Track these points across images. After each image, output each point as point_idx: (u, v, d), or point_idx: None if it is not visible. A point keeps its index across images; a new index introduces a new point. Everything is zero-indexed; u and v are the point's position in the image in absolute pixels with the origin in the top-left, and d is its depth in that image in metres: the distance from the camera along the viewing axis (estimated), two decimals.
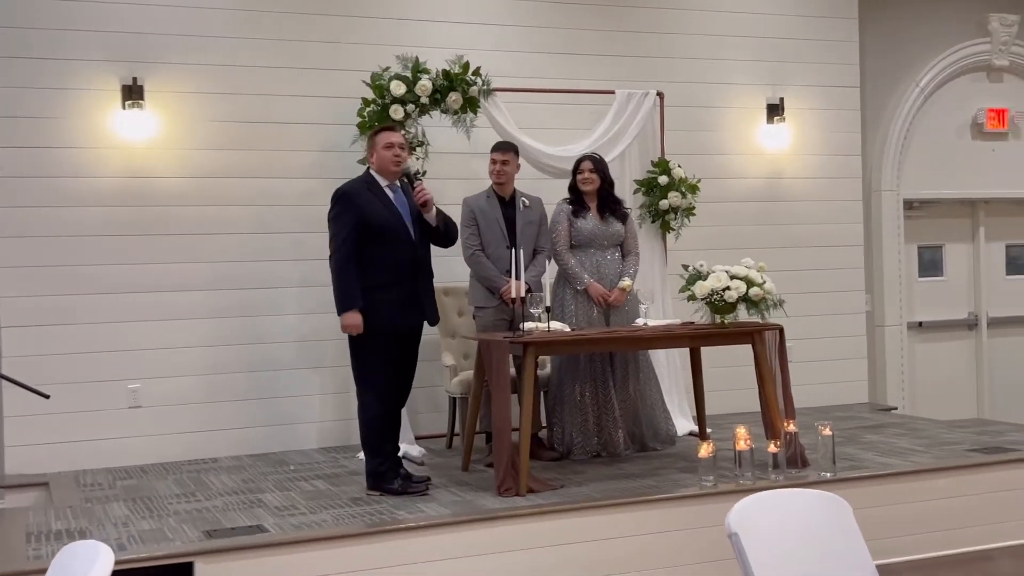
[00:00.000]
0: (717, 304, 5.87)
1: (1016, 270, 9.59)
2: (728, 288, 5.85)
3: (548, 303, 5.77)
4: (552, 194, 6.78)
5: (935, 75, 8.94)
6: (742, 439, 5.57)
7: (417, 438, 6.90)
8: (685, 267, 6.06)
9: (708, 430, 6.67)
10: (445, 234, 5.73)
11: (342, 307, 5.42)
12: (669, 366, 7.27)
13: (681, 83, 7.83)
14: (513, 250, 5.83)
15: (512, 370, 5.88)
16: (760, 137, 8.27)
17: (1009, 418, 8.71)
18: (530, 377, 5.50)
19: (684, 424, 7.12)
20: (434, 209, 5.65)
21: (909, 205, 8.98)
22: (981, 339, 9.38)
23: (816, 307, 8.22)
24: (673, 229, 7.33)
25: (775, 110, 8.22)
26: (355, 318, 5.42)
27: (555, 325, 5.81)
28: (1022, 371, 9.43)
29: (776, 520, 3.24)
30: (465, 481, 5.86)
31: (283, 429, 7.03)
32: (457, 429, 6.86)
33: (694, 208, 7.32)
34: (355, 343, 5.53)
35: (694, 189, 7.28)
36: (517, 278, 5.93)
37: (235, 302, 6.93)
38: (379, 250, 5.49)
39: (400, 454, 6.48)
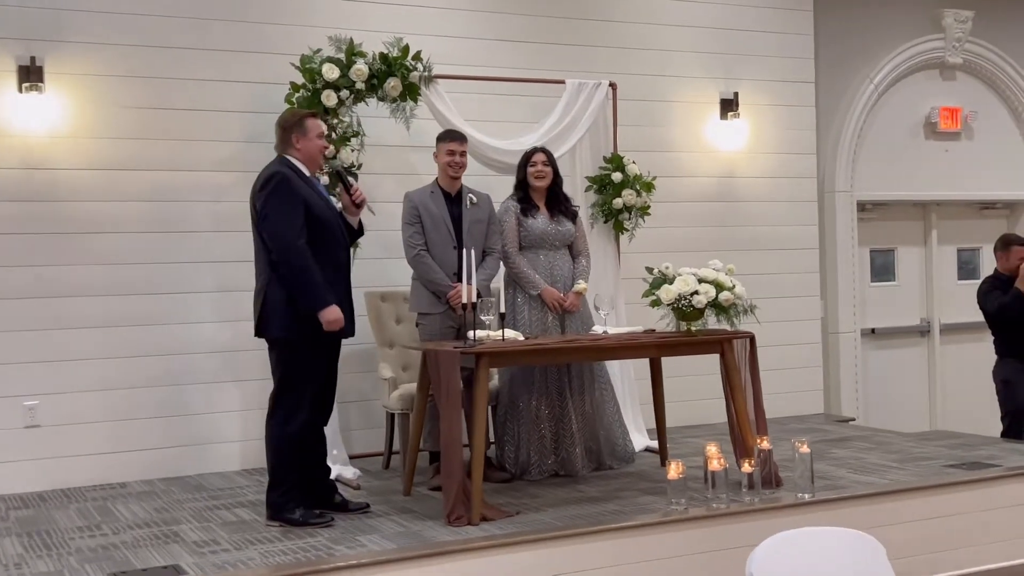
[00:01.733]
0: (685, 310, 5.36)
1: (967, 275, 9.28)
2: (696, 292, 5.34)
3: (502, 308, 5.20)
4: (497, 193, 6.22)
5: (889, 72, 8.59)
6: (715, 458, 5.07)
7: (351, 457, 6.29)
8: (649, 270, 5.55)
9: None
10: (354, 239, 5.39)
11: (321, 302, 4.82)
12: (623, 376, 6.75)
13: (631, 75, 7.31)
14: (464, 251, 5.25)
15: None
16: (713, 134, 7.81)
17: (963, 428, 8.40)
18: (483, 391, 4.93)
19: (639, 440, 6.62)
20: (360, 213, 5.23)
21: (862, 207, 8.61)
22: (934, 346, 9.06)
23: (770, 313, 7.73)
24: (627, 230, 6.82)
25: (728, 105, 7.77)
26: (337, 312, 4.86)
27: (508, 333, 5.26)
28: (974, 379, 9.05)
29: (805, 566, 2.76)
30: (409, 508, 5.26)
31: (200, 450, 6.34)
32: (396, 447, 6.25)
33: (649, 207, 6.82)
34: (285, 348, 4.92)
35: (649, 187, 6.79)
36: (468, 282, 5.43)
37: (144, 309, 6.23)
38: (318, 247, 4.90)
39: (333, 476, 5.90)
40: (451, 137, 5.85)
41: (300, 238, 4.80)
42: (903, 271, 9.03)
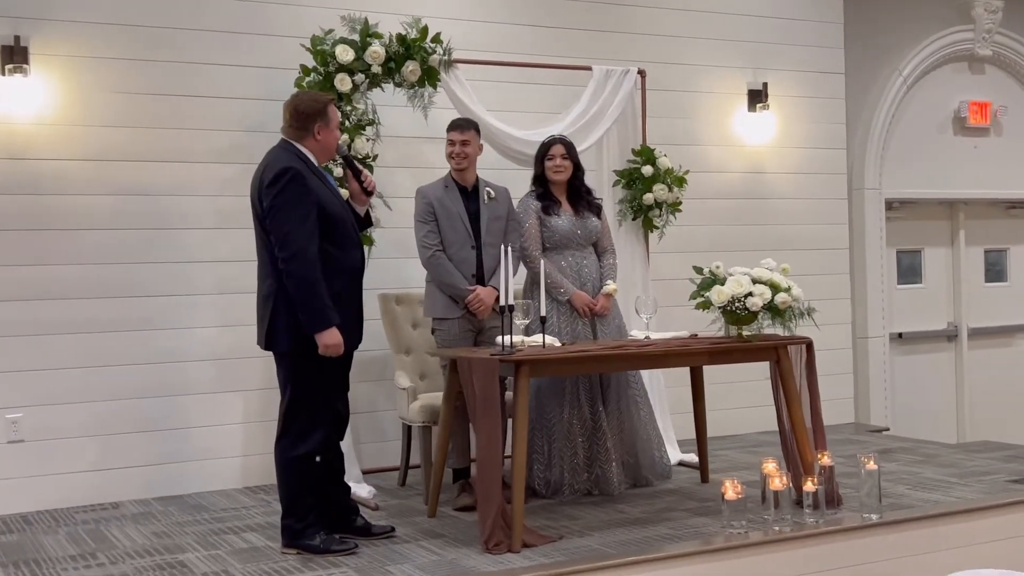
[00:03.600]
0: (738, 313, 4.90)
1: (995, 277, 8.90)
2: (751, 294, 4.89)
3: (543, 311, 4.72)
4: (523, 188, 5.76)
5: (917, 64, 8.17)
6: (776, 476, 4.61)
7: (363, 473, 5.79)
8: (698, 269, 5.09)
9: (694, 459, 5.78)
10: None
11: (320, 323, 4.29)
12: (652, 383, 6.27)
13: (655, 64, 6.83)
14: (503, 247, 4.76)
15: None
16: (740, 126, 7.37)
17: (994, 437, 8.02)
18: (524, 404, 4.45)
19: (672, 453, 6.16)
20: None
21: (889, 205, 8.18)
22: (961, 351, 8.65)
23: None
24: (657, 227, 6.35)
25: (757, 96, 7.33)
26: (337, 336, 4.32)
27: (544, 339, 4.78)
28: (1004, 386, 8.73)
29: None
30: (437, 531, 4.77)
31: (199, 466, 5.81)
32: (413, 461, 5.76)
33: (680, 203, 6.37)
34: (298, 363, 4.41)
35: (681, 182, 6.33)
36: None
37: (138, 312, 5.70)
38: (334, 251, 4.40)
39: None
40: (452, 126, 5.38)
41: (312, 245, 4.29)
42: (930, 273, 8.62)
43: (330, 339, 4.29)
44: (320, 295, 4.26)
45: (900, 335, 8.32)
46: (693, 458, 6.12)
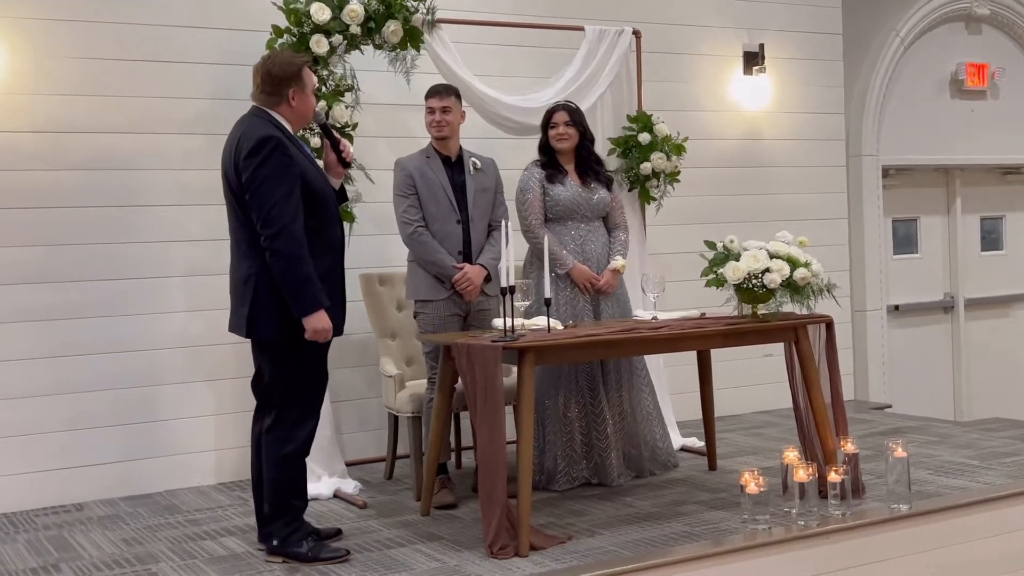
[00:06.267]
0: (756, 291, 4.54)
1: (991, 245, 8.62)
2: (768, 270, 4.53)
3: (548, 293, 4.33)
4: (507, 159, 5.37)
5: (915, 24, 7.83)
6: (801, 467, 4.27)
7: (347, 465, 5.40)
8: (710, 244, 4.72)
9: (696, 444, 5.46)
10: None
11: (310, 306, 3.88)
12: (651, 363, 5.88)
13: (647, 24, 6.40)
14: (503, 223, 4.37)
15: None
16: (736, 90, 6.99)
17: (990, 410, 7.78)
18: (529, 395, 4.07)
19: (672, 438, 5.81)
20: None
21: (884, 172, 7.86)
22: (958, 323, 8.36)
23: None
24: (655, 198, 5.98)
25: (753, 59, 6.96)
26: (326, 320, 3.91)
27: (544, 321, 4.40)
28: (1001, 358, 8.47)
29: None
30: (434, 533, 4.39)
31: (168, 462, 5.39)
32: (400, 451, 5.39)
33: (679, 173, 5.99)
34: (286, 352, 3.99)
35: (680, 150, 5.95)
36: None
37: (99, 296, 5.25)
38: (315, 228, 3.99)
39: (331, 490, 5.04)
40: (430, 92, 4.98)
41: (297, 222, 3.87)
42: (925, 242, 8.31)
43: (319, 323, 3.89)
44: (309, 275, 3.86)
45: (896, 307, 8.02)
46: (696, 443, 5.80)
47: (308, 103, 4.12)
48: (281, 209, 3.82)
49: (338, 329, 4.08)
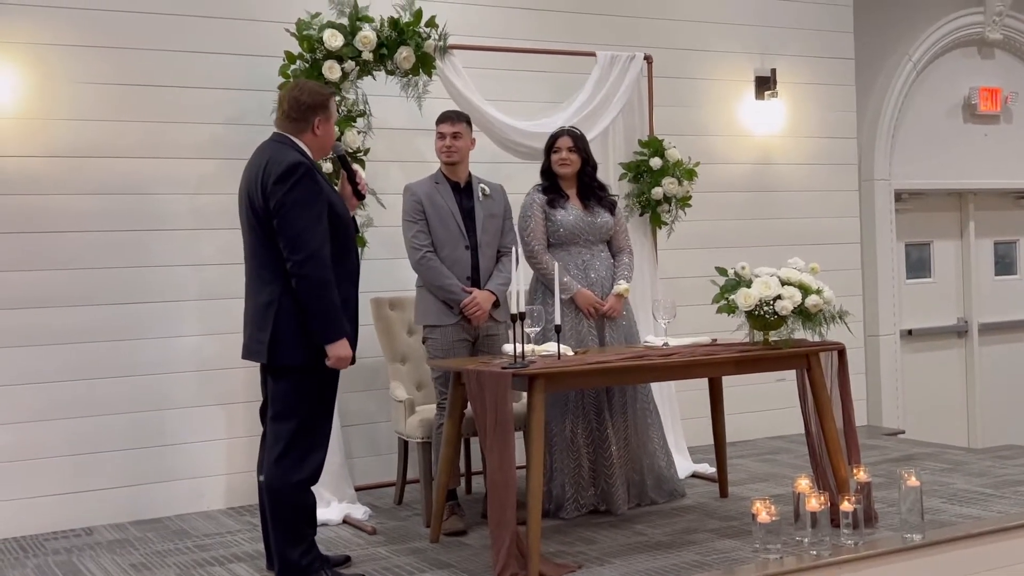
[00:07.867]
0: (767, 318, 4.52)
1: (1005, 269, 8.58)
2: (779, 297, 4.52)
3: (558, 320, 4.32)
4: (514, 185, 5.37)
5: (927, 49, 7.83)
6: (813, 496, 4.24)
7: (356, 490, 5.39)
8: (721, 271, 4.71)
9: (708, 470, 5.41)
10: None
11: (335, 333, 3.89)
12: (662, 388, 5.89)
13: (659, 49, 6.42)
14: (513, 249, 4.37)
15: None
16: (747, 115, 6.99)
17: (1004, 437, 7.73)
18: (539, 422, 4.06)
19: (683, 464, 5.80)
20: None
21: (897, 197, 7.84)
22: (972, 348, 8.32)
23: None
24: (666, 223, 5.97)
25: (765, 83, 6.96)
26: (348, 348, 3.93)
27: (553, 347, 4.40)
28: (1015, 384, 8.42)
29: None
30: (444, 560, 4.37)
31: (178, 486, 5.39)
32: (410, 476, 5.37)
33: (690, 197, 5.99)
34: (306, 378, 3.98)
35: (692, 175, 5.95)
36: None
37: (112, 320, 5.27)
38: (338, 255, 4.00)
39: (341, 516, 5.03)
40: (442, 118, 4.99)
41: (324, 247, 3.88)
42: (939, 267, 8.28)
43: (343, 350, 3.91)
44: (334, 302, 3.88)
45: (910, 332, 7.99)
46: (707, 469, 5.77)
47: (331, 133, 4.14)
48: (311, 234, 3.83)
49: (352, 357, 4.09)
